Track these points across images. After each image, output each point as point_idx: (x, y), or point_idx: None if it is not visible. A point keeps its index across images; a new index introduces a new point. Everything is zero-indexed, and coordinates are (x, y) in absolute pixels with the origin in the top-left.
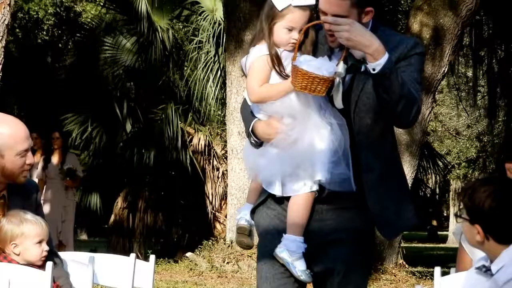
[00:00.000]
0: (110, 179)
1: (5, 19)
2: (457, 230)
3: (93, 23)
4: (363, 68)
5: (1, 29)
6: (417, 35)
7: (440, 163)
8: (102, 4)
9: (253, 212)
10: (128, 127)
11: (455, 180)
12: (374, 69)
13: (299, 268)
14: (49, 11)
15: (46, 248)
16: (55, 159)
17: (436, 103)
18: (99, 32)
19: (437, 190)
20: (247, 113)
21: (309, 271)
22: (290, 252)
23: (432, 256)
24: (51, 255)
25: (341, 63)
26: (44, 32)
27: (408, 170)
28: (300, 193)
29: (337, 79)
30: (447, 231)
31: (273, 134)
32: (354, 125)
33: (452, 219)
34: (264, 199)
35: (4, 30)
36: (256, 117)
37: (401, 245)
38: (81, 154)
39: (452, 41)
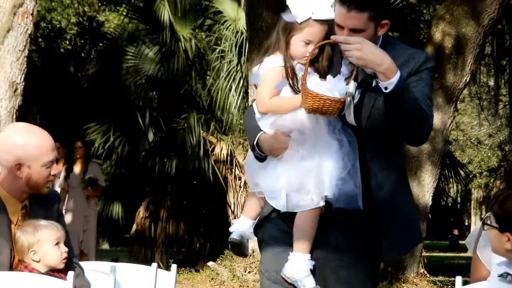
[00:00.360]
0: (132, 189)
1: (27, 28)
2: (470, 239)
3: (116, 32)
4: (374, 83)
5: (24, 39)
6: (439, 45)
7: (462, 172)
8: (125, 13)
9: (256, 227)
10: (151, 136)
11: (477, 189)
12: (386, 88)
13: (309, 286)
14: (71, 20)
15: (65, 249)
16: (77, 168)
17: (457, 112)
18: (122, 41)
19: (459, 199)
20: (252, 124)
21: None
22: (298, 270)
23: (454, 265)
24: (72, 264)
25: (352, 82)
26: (67, 42)
27: (430, 179)
28: (306, 209)
29: (349, 99)
30: None
31: (280, 149)
32: (365, 141)
33: (473, 228)
34: (268, 214)
35: (26, 39)
36: (262, 130)
37: (422, 254)
38: (104, 164)
39: (474, 50)
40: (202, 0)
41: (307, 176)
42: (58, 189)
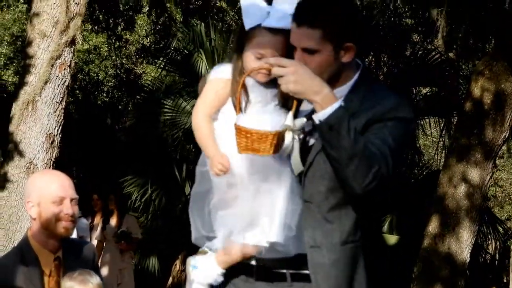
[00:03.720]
0: (169, 242)
1: (65, 80)
2: None
3: (153, 85)
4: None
5: (61, 90)
6: (478, 100)
7: (500, 229)
8: (162, 66)
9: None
10: (187, 189)
11: None
12: (320, 120)
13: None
14: (109, 72)
15: None
16: (113, 221)
17: (496, 168)
18: (159, 94)
19: (497, 256)
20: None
21: None
22: (200, 274)
23: None
24: None
25: (290, 114)
26: (104, 94)
27: (468, 236)
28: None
29: (290, 135)
30: None
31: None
32: (304, 191)
33: None
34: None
35: (64, 91)
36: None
37: None
38: (141, 217)
39: None
40: None
41: (253, 215)
42: (95, 241)
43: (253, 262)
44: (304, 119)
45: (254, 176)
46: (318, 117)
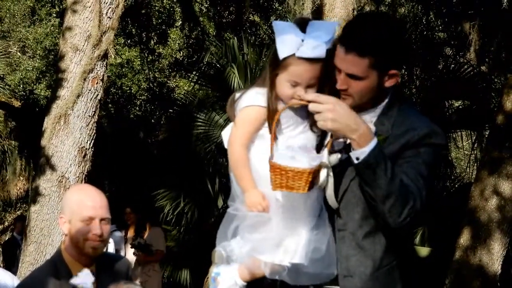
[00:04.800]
0: (201, 255)
1: (97, 94)
2: None
3: (186, 99)
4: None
5: (94, 104)
6: (509, 113)
7: None
8: (195, 80)
9: None
10: (220, 203)
11: None
12: (357, 158)
13: None
14: (142, 86)
15: None
16: (145, 234)
17: None
18: (192, 108)
19: None
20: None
21: None
22: (220, 279)
23: None
24: None
25: (326, 151)
26: (137, 108)
27: (499, 248)
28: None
29: (324, 172)
30: None
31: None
32: (337, 218)
33: None
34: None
35: (96, 105)
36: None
37: None
38: (173, 230)
39: None
40: None
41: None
42: (130, 255)
43: (277, 277)
44: (339, 155)
45: (284, 203)
46: (355, 155)
